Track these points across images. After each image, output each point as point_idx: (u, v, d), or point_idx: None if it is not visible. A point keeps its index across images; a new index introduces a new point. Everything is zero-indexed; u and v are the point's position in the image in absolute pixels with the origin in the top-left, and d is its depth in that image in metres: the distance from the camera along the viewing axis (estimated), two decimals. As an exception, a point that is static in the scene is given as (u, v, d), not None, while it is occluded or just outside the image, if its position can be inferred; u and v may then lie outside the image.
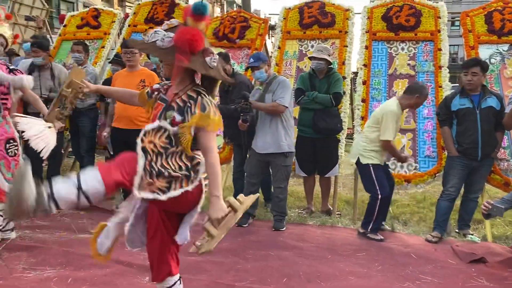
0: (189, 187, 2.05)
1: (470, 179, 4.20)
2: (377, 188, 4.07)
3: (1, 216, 3.43)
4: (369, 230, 4.11)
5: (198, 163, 2.11)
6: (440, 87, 5.13)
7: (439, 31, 5.44)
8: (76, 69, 2.47)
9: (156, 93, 2.24)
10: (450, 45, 5.44)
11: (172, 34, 2.00)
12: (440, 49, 5.33)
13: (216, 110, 2.08)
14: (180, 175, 2.04)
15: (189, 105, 2.05)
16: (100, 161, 6.98)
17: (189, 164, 2.07)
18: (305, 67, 5.60)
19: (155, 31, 2.05)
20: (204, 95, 2.09)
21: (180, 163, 2.05)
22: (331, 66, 4.82)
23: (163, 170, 2.02)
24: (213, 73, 2.06)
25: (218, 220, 2.01)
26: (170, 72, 2.13)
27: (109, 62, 5.88)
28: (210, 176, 2.04)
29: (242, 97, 4.24)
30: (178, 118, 2.05)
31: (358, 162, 4.21)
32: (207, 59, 2.03)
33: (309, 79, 4.76)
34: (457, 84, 4.43)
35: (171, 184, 2.03)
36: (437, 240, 4.04)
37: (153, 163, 2.04)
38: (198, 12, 1.99)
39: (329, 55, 4.72)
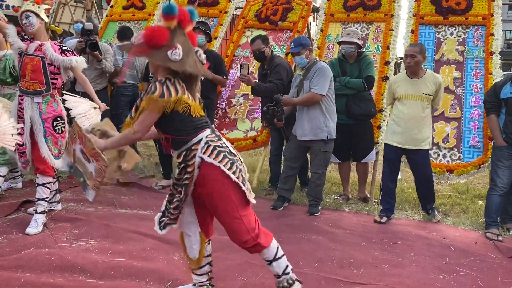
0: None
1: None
2: None
3: (49, 189, 3.61)
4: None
5: None
6: (490, 74, 4.89)
7: (492, 15, 5.16)
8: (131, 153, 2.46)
9: None
10: (506, 31, 5.17)
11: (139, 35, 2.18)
12: (492, 34, 5.06)
13: (172, 92, 2.15)
14: None
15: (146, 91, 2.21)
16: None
17: None
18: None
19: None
20: (162, 81, 2.17)
21: None
22: (361, 50, 4.68)
23: None
24: (173, 66, 2.14)
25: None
26: (153, 70, 2.30)
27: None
28: (115, 138, 2.30)
29: (274, 100, 4.25)
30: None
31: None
32: (168, 52, 2.12)
33: (339, 65, 4.65)
34: (510, 72, 4.21)
35: None
36: (499, 238, 3.80)
37: None
38: (165, 12, 2.15)
39: (358, 39, 4.58)
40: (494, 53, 4.97)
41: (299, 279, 2.52)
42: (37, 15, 3.50)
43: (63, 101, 3.67)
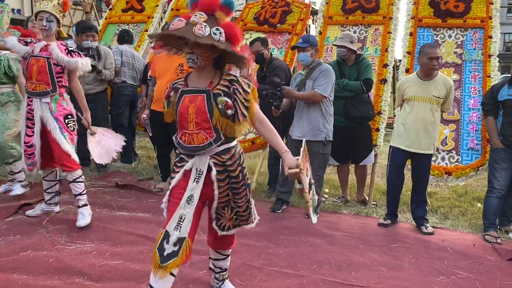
0: None
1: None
2: None
3: (82, 182, 3.66)
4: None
5: None
6: (489, 76, 4.90)
7: (490, 18, 5.18)
8: None
9: (172, 93, 2.30)
10: (505, 33, 5.19)
11: (222, 29, 2.10)
12: (490, 37, 5.07)
13: None
14: None
15: (235, 87, 2.20)
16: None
17: None
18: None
19: (204, 25, 2.06)
20: (236, 75, 2.28)
21: None
22: (359, 53, 4.66)
23: None
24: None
25: (298, 167, 2.19)
26: (205, 63, 2.19)
27: (152, 48, 6.02)
28: (276, 137, 2.35)
29: (273, 83, 4.21)
30: (230, 101, 2.18)
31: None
32: (237, 48, 2.23)
33: (338, 67, 4.64)
34: (509, 74, 4.22)
35: None
36: (497, 241, 3.79)
37: None
38: (231, 7, 2.14)
39: (351, 42, 4.57)
40: (493, 55, 4.98)
41: None
42: (58, 22, 3.52)
43: (71, 99, 3.68)
